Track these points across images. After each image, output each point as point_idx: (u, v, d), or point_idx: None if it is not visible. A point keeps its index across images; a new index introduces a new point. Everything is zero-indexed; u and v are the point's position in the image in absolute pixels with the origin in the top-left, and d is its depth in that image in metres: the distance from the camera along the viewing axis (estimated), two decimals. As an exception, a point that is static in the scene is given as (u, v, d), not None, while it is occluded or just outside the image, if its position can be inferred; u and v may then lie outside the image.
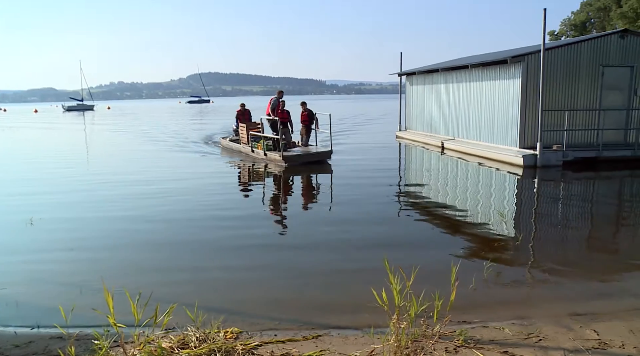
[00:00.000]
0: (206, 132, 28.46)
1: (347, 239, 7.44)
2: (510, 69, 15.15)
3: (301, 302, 5.11)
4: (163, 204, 9.93)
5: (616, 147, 14.76)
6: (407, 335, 3.71)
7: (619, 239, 7.94)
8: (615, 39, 15.15)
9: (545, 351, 3.78)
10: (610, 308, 4.81)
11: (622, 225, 8.82)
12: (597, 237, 8.00)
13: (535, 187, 12.06)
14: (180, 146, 21.74)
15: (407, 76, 23.60)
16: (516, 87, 14.81)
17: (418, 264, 4.19)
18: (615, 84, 15.27)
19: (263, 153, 15.70)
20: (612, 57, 15.12)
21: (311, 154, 15.46)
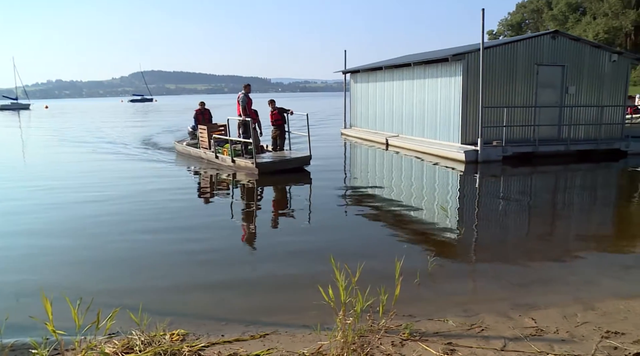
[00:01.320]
0: (156, 133, 27.37)
1: (292, 238, 7.43)
2: (451, 67, 15.53)
3: (248, 302, 5.06)
4: (102, 213, 9.59)
5: (551, 143, 15.41)
6: (353, 331, 3.73)
7: (555, 230, 8.28)
8: (548, 40, 15.82)
9: (487, 340, 3.89)
10: (546, 297, 5.01)
11: (557, 217, 9.21)
12: (535, 229, 8.32)
13: (476, 182, 12.40)
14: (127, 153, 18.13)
15: (351, 74, 23.81)
16: (457, 85, 15.20)
17: (363, 261, 4.22)
18: (549, 82, 15.94)
19: (230, 160, 13.33)
20: (546, 56, 15.77)
21: (288, 160, 13.26)
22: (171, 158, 16.34)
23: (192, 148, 16.11)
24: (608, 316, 4.37)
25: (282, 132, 14.43)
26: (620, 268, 6.04)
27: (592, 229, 8.20)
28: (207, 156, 14.79)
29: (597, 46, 17.10)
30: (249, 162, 12.70)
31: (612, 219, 9.12)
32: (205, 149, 14.97)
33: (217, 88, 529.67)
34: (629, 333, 3.95)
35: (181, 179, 13.00)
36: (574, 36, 17.29)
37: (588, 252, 6.75)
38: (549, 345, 3.76)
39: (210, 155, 14.55)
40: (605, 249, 6.89)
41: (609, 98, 16.73)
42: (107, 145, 20.96)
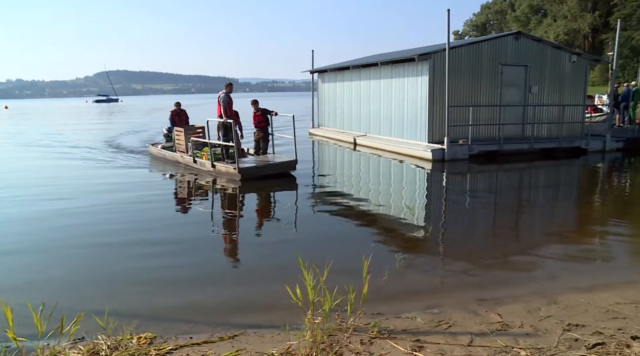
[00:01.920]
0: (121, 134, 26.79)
1: (259, 237, 7.40)
2: (418, 67, 15.69)
3: (217, 303, 5.01)
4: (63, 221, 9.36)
5: (515, 141, 15.72)
6: (322, 330, 3.74)
7: (520, 226, 8.47)
8: (511, 40, 16.15)
9: (455, 336, 3.94)
10: (511, 292, 5.11)
11: (522, 213, 9.41)
12: (500, 226, 8.48)
13: (443, 180, 12.57)
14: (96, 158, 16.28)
15: (319, 74, 23.84)
16: (424, 84, 15.37)
17: (331, 260, 4.23)
18: (512, 81, 16.26)
19: (210, 164, 12.40)
20: (509, 56, 16.09)
21: (273, 165, 12.23)
22: (144, 163, 15.26)
23: (167, 152, 14.99)
24: (570, 310, 4.49)
25: (265, 135, 13.43)
26: (581, 263, 6.22)
27: (554, 225, 8.41)
28: (184, 161, 13.80)
29: (557, 47, 17.53)
30: (230, 167, 11.76)
31: (573, 215, 9.37)
32: (182, 153, 13.97)
33: (184, 88, 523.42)
34: (589, 325, 4.06)
35: (156, 186, 11.80)
36: (536, 37, 17.67)
37: (551, 247, 6.93)
38: (514, 339, 3.83)
39: (187, 159, 13.53)
40: (567, 244, 7.07)
41: (570, 98, 17.17)
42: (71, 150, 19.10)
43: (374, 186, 11.55)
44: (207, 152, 12.67)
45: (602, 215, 9.16)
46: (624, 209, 9.60)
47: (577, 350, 3.58)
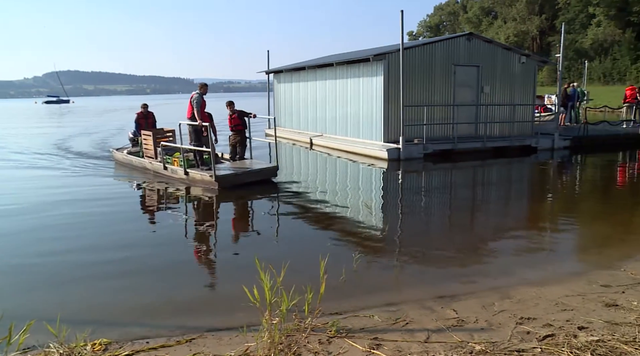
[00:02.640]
0: (73, 136, 25.90)
1: (215, 239, 7.30)
2: (373, 67, 15.83)
3: (174, 306, 4.92)
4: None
5: (468, 140, 16.05)
6: (280, 331, 3.71)
7: (474, 223, 8.65)
8: (463, 41, 16.49)
9: (412, 333, 3.97)
10: (467, 288, 5.20)
11: (475, 210, 9.63)
12: (455, 223, 8.64)
13: (399, 179, 12.71)
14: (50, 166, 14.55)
15: (274, 74, 23.74)
16: (379, 84, 15.51)
17: (288, 260, 4.21)
18: (465, 81, 16.60)
19: (183, 171, 11.29)
20: (462, 57, 16.42)
21: (252, 172, 11.24)
22: (109, 170, 13.92)
23: (134, 157, 13.72)
24: (522, 304, 4.60)
25: (242, 139, 12.42)
26: (532, 257, 6.40)
27: (507, 221, 8.63)
28: (153, 167, 12.66)
29: (508, 48, 18.02)
30: (206, 174, 10.70)
31: (524, 211, 9.64)
32: (151, 159, 12.80)
33: (138, 89, 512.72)
34: (540, 318, 4.17)
35: (121, 195, 10.71)
36: (487, 38, 18.11)
37: (504, 243, 7.12)
38: (469, 334, 3.89)
39: (157, 166, 12.38)
40: (519, 240, 7.28)
41: (520, 97, 17.66)
42: (18, 155, 17.42)
43: (330, 186, 11.58)
44: (178, 158, 11.54)
45: (551, 211, 9.46)
46: (572, 204, 9.94)
47: (528, 342, 3.67)
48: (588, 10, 68.25)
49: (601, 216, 8.81)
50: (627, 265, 5.72)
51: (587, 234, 7.82)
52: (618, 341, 3.54)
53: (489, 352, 3.51)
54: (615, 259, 6.01)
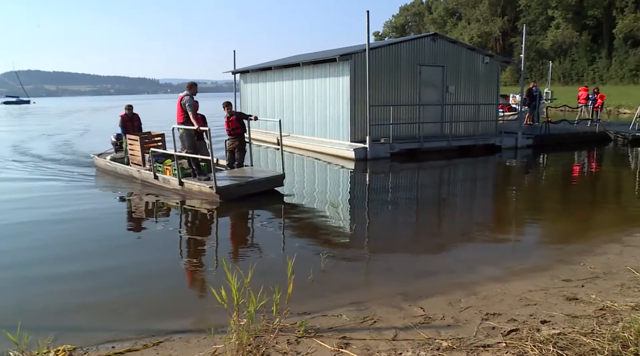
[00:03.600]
0: (31, 138, 25.16)
1: (182, 241, 7.22)
2: (339, 67, 15.87)
3: (140, 310, 4.84)
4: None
5: (434, 139, 16.26)
6: (248, 332, 3.69)
7: (441, 221, 8.77)
8: (428, 42, 16.70)
9: (380, 332, 4.00)
10: (434, 285, 5.27)
11: (442, 209, 9.76)
12: (422, 221, 8.74)
13: (366, 178, 12.79)
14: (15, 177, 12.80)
15: (241, 74, 23.60)
16: (345, 84, 15.57)
17: (255, 262, 4.19)
18: (431, 81, 16.81)
19: (177, 182, 9.98)
20: (427, 57, 16.62)
21: (257, 181, 9.92)
22: (89, 179, 12.43)
23: (119, 164, 12.40)
24: (487, 300, 4.68)
25: (241, 144, 11.02)
26: (497, 254, 6.53)
27: (472, 219, 8.78)
28: (141, 176, 11.34)
29: (471, 49, 18.33)
30: (204, 185, 9.51)
31: (489, 208, 9.82)
32: (139, 167, 11.56)
33: (102, 89, 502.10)
34: (505, 313, 4.25)
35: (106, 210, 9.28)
36: (451, 39, 18.38)
37: (470, 240, 7.24)
38: (436, 331, 3.94)
39: (146, 174, 11.10)
40: (484, 237, 7.41)
41: (484, 97, 17.98)
42: None
43: (298, 186, 11.56)
44: (171, 166, 10.27)
45: (515, 208, 9.67)
46: (535, 202, 10.18)
47: (494, 337, 3.74)
48: (547, 13, 70.24)
49: (563, 213, 9.05)
50: (587, 260, 5.88)
51: (550, 230, 8.01)
52: (578, 334, 3.64)
53: (455, 348, 3.56)
54: (576, 254, 6.17)
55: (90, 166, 13.95)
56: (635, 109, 21.47)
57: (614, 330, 3.67)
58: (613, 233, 7.18)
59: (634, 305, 4.24)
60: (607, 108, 31.81)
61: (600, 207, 9.57)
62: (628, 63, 59.84)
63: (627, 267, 5.45)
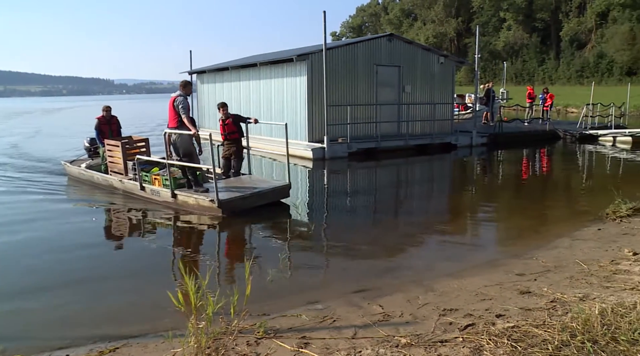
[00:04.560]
0: None
1: (137, 245, 7.08)
2: (296, 67, 15.87)
3: (95, 316, 4.71)
4: None
5: (391, 138, 16.45)
6: (207, 335, 3.65)
7: (399, 219, 8.88)
8: (385, 42, 16.88)
9: (339, 330, 4.01)
10: (392, 283, 5.32)
11: (400, 207, 9.89)
12: (380, 219, 8.83)
13: (324, 178, 12.84)
14: None
15: (197, 74, 23.35)
16: (303, 84, 15.58)
17: (212, 264, 4.15)
18: (387, 81, 17.01)
19: (170, 193, 8.72)
20: (383, 57, 16.80)
21: (262, 193, 8.75)
22: (59, 189, 11.01)
23: (96, 173, 10.95)
24: (444, 296, 4.76)
25: (238, 150, 9.95)
26: (453, 250, 6.65)
27: (429, 217, 8.90)
28: (124, 187, 9.97)
29: (427, 49, 18.64)
30: (203, 198, 8.31)
31: (445, 206, 10.01)
32: (120, 175, 10.21)
33: (54, 90, 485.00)
34: (461, 309, 4.33)
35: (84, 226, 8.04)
36: (407, 39, 18.65)
37: (427, 237, 7.36)
38: (395, 328, 3.98)
39: (130, 185, 9.74)
40: (441, 234, 7.54)
41: (440, 96, 18.30)
42: None
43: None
44: (161, 176, 9.07)
45: (470, 205, 9.87)
46: (489, 199, 10.43)
47: (451, 332, 3.80)
48: (499, 15, 72.15)
49: (516, 209, 9.30)
50: (539, 254, 6.06)
51: (504, 226, 8.22)
52: (530, 326, 3.74)
53: (414, 344, 3.60)
54: (529, 249, 6.35)
55: (59, 175, 12.38)
56: (582, 108, 22.30)
57: (564, 320, 3.79)
58: (563, 228, 7.42)
59: (582, 296, 4.40)
60: (556, 107, 32.88)
61: (552, 203, 9.88)
62: (574, 64, 62.22)
63: (575, 260, 5.65)
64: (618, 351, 3.28)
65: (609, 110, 20.83)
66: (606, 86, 50.08)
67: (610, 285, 4.68)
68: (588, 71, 59.55)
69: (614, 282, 4.75)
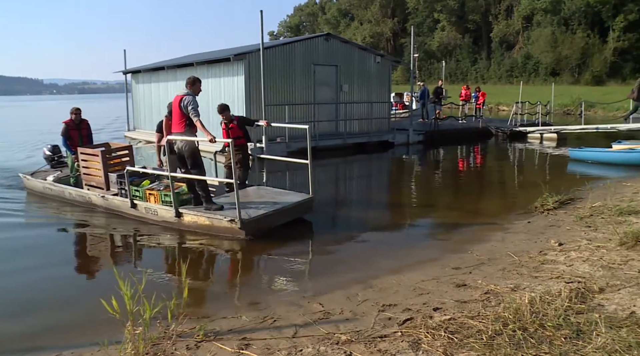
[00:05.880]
0: None
1: (63, 252, 6.81)
2: (233, 67, 15.71)
3: (25, 326, 4.49)
4: None
5: (330, 137, 16.56)
6: (144, 340, 3.58)
7: (338, 217, 8.96)
8: (322, 41, 17.00)
9: (280, 330, 4.00)
10: (332, 281, 5.36)
11: (339, 205, 9.96)
12: (319, 218, 8.83)
13: (263, 178, 12.75)
14: None
15: (132, 74, 22.75)
16: (240, 84, 15.46)
17: (148, 268, 4.05)
18: (325, 80, 17.12)
19: (173, 212, 7.27)
20: (321, 57, 16.90)
21: (286, 209, 7.54)
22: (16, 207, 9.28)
23: (69, 187, 9.15)
24: (383, 292, 4.84)
25: (244, 158, 8.73)
26: (391, 247, 6.78)
27: (368, 214, 9.03)
28: (107, 204, 8.37)
29: (364, 49, 18.91)
30: (220, 217, 6.93)
31: (383, 203, 10.17)
32: (100, 190, 8.65)
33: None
34: (400, 304, 4.41)
35: None
36: (344, 39, 18.86)
37: (366, 235, 7.44)
38: (335, 326, 4.00)
39: (116, 202, 8.16)
40: (379, 231, 7.67)
41: (377, 95, 18.60)
42: None
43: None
44: (158, 191, 7.62)
45: (407, 202, 10.08)
46: (425, 194, 10.70)
47: (390, 327, 3.87)
48: (433, 16, 74.11)
49: (452, 205, 9.58)
50: (474, 248, 6.26)
51: (440, 222, 8.44)
52: (466, 317, 3.86)
53: (354, 341, 3.64)
54: (464, 244, 6.56)
55: (17, 189, 10.57)
56: (512, 106, 23.26)
57: (497, 311, 3.94)
58: (496, 222, 7.71)
59: (513, 287, 4.58)
60: (488, 105, 34.14)
61: (485, 198, 10.25)
62: (504, 64, 64.86)
63: (507, 252, 5.87)
64: (545, 336, 3.44)
65: (536, 108, 21.80)
66: (533, 85, 52.42)
67: (538, 275, 4.89)
68: (517, 70, 62.13)
69: (542, 272, 4.98)
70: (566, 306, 3.89)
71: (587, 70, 55.23)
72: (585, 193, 8.85)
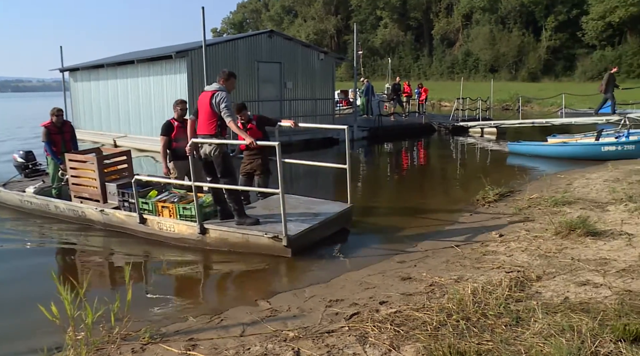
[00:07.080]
0: None
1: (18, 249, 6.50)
2: (175, 64, 15.42)
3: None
4: None
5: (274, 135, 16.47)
6: (87, 345, 3.49)
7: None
8: (265, 38, 16.92)
9: (227, 330, 3.98)
10: (280, 279, 5.37)
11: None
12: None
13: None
14: None
15: (70, 72, 21.90)
16: (182, 82, 15.20)
17: (89, 271, 3.93)
18: (269, 77, 17.06)
19: (197, 229, 6.26)
20: (264, 54, 16.82)
21: (329, 221, 6.78)
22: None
23: (56, 200, 7.91)
24: (330, 287, 4.88)
25: (264, 164, 7.65)
26: (338, 242, 6.80)
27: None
28: (109, 220, 7.17)
29: (307, 46, 18.95)
30: (259, 234, 6.01)
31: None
32: (96, 203, 7.44)
33: None
34: (347, 299, 4.46)
35: None
36: (287, 36, 18.85)
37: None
38: (283, 323, 4.00)
39: (121, 217, 7.02)
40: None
41: (321, 92, 18.67)
42: None
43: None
44: (173, 204, 6.60)
45: (352, 198, 10.15)
46: (371, 189, 10.84)
47: (337, 322, 3.90)
48: (376, 13, 75.07)
49: (397, 199, 9.75)
50: (418, 242, 6.40)
51: (384, 216, 8.55)
52: (411, 310, 3.95)
53: (302, 337, 3.65)
54: (408, 238, 6.68)
55: None
56: (453, 102, 23.90)
57: (441, 302, 4.04)
58: (440, 215, 7.89)
59: (457, 278, 4.71)
60: (431, 101, 34.91)
61: (429, 192, 10.48)
62: (445, 61, 66.58)
63: (451, 245, 6.03)
64: (487, 325, 3.56)
65: (476, 103, 22.45)
66: (474, 81, 53.96)
67: (480, 266, 5.05)
68: (458, 67, 63.85)
69: (484, 263, 5.14)
70: (506, 295, 4.04)
71: (524, 67, 57.51)
72: (523, 185, 9.18)
